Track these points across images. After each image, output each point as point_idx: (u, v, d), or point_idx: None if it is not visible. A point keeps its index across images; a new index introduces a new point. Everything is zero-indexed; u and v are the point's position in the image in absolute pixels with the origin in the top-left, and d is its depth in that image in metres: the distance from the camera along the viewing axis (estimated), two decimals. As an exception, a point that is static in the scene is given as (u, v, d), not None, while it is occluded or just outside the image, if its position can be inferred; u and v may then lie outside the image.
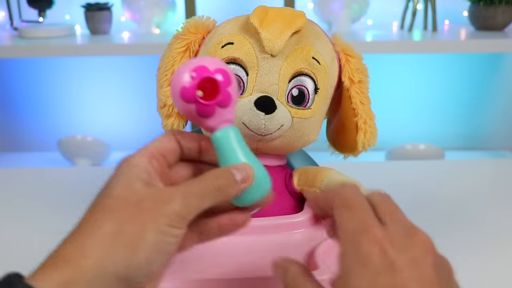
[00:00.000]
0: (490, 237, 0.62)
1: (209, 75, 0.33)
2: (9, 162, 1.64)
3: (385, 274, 0.26)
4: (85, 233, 0.30)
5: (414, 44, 1.33)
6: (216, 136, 0.34)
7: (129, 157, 0.32)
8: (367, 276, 0.26)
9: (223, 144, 0.34)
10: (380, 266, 0.26)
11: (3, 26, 1.59)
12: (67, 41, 1.36)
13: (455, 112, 1.70)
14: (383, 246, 0.26)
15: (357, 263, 0.27)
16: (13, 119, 1.70)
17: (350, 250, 0.27)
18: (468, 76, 1.66)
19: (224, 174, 0.32)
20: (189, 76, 0.33)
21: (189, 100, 0.33)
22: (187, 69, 0.33)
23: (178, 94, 0.33)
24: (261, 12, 0.47)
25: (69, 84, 1.66)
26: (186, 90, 0.33)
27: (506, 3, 1.38)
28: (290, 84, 0.47)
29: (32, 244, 0.61)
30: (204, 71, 0.33)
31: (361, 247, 0.27)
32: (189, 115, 0.34)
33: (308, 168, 0.52)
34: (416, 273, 0.26)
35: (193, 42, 0.51)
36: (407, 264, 0.26)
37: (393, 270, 0.26)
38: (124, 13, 1.52)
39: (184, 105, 0.33)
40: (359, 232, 0.27)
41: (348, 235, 0.28)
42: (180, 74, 0.33)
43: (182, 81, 0.33)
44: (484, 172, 0.87)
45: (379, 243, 0.27)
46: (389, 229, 0.28)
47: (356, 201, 0.29)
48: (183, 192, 0.30)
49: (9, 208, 0.72)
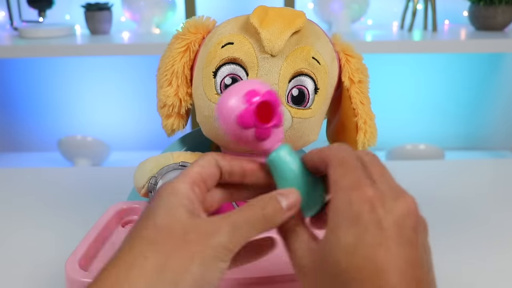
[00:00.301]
0: (490, 237, 0.62)
1: (264, 99, 0.33)
2: (9, 162, 1.64)
3: (372, 231, 0.27)
4: (129, 264, 0.29)
5: (414, 44, 1.34)
6: (274, 157, 0.34)
7: (171, 184, 0.31)
8: (355, 232, 0.27)
9: (282, 164, 0.34)
10: (368, 223, 0.27)
11: (3, 26, 1.59)
12: (67, 41, 1.36)
13: (455, 112, 1.70)
14: (373, 204, 0.28)
15: (347, 218, 0.28)
16: (13, 119, 1.70)
17: (341, 205, 0.28)
18: (468, 76, 1.66)
19: (271, 201, 0.31)
20: (243, 103, 0.32)
21: (248, 126, 0.32)
22: (239, 96, 0.33)
23: (234, 121, 0.32)
24: (261, 12, 0.47)
25: (69, 84, 1.66)
26: (244, 116, 0.32)
27: (506, 3, 1.38)
28: (290, 84, 0.47)
29: (32, 244, 0.61)
30: (257, 95, 0.33)
31: (353, 203, 0.28)
32: (244, 140, 0.34)
33: (308, 168, 0.52)
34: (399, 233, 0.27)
35: (193, 42, 0.51)
36: (392, 224, 0.27)
37: (380, 228, 0.27)
38: (124, 13, 1.52)
39: (240, 132, 0.33)
40: (352, 188, 0.28)
41: (341, 191, 0.29)
42: (232, 102, 0.33)
43: (238, 108, 0.32)
44: (484, 172, 0.86)
45: (370, 201, 0.28)
46: (379, 189, 0.29)
47: (350, 160, 0.30)
48: (230, 223, 0.30)
49: (9, 208, 0.72)
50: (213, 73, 0.48)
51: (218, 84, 0.48)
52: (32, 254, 0.58)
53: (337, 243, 0.28)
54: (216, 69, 0.48)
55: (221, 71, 0.47)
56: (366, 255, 0.27)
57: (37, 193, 0.76)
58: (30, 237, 0.63)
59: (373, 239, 0.27)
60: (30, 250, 0.59)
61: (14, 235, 0.63)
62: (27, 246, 0.60)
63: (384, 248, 0.27)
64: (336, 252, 0.28)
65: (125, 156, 1.66)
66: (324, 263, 0.28)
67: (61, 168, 0.95)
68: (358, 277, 0.27)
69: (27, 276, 0.54)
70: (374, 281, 0.27)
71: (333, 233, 0.28)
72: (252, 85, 0.33)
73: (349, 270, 0.27)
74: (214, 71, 0.48)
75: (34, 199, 0.74)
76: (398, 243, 0.27)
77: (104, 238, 0.46)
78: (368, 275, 0.27)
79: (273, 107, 0.33)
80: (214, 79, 0.48)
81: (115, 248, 0.45)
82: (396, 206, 0.28)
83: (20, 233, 0.64)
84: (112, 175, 0.81)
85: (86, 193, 0.74)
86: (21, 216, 0.68)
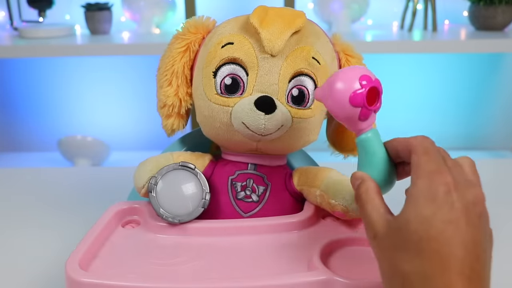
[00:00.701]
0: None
1: (374, 84, 0.38)
2: (9, 162, 1.64)
3: (446, 210, 0.32)
4: None
5: (414, 44, 1.33)
6: (367, 137, 0.39)
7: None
8: (432, 207, 0.32)
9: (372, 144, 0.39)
10: (443, 203, 0.32)
11: (3, 26, 1.59)
12: (67, 41, 1.36)
13: (455, 112, 1.70)
14: (449, 188, 0.33)
15: (426, 196, 0.33)
16: (13, 119, 1.70)
17: (423, 185, 0.33)
18: (468, 76, 1.66)
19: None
20: (359, 84, 0.37)
21: (358, 104, 0.37)
22: (355, 77, 0.38)
23: (347, 98, 0.37)
24: (261, 12, 0.47)
25: (69, 84, 1.66)
26: (357, 96, 0.37)
27: (506, 3, 1.38)
28: (290, 84, 0.47)
29: (32, 244, 0.61)
30: (369, 80, 0.38)
31: (433, 184, 0.33)
32: (348, 118, 0.38)
33: (308, 168, 0.52)
34: (467, 216, 0.32)
35: (193, 42, 0.51)
36: (462, 207, 0.32)
37: (452, 208, 0.32)
38: (124, 13, 1.52)
39: (349, 109, 0.38)
40: (434, 172, 0.33)
41: (424, 173, 0.34)
42: (349, 81, 0.38)
43: (353, 87, 0.37)
44: (484, 172, 0.86)
45: (447, 185, 0.33)
46: (455, 177, 0.33)
47: (433, 150, 0.35)
48: None
49: (9, 208, 0.72)
50: (213, 73, 0.48)
51: (218, 84, 0.48)
52: (32, 254, 0.58)
53: (415, 215, 0.32)
54: (216, 69, 0.48)
55: (221, 71, 0.48)
56: (439, 229, 0.31)
57: (37, 193, 0.76)
58: (30, 237, 0.63)
59: (446, 216, 0.32)
60: (30, 250, 0.59)
61: (14, 235, 0.63)
62: (27, 246, 0.60)
63: (454, 225, 0.32)
64: (413, 223, 0.32)
65: (125, 156, 1.66)
66: (400, 232, 0.33)
67: (61, 168, 0.95)
68: (429, 247, 0.31)
69: (27, 276, 0.54)
70: (442, 252, 0.31)
71: (413, 207, 0.33)
72: (365, 71, 0.38)
73: (423, 240, 0.32)
74: (214, 71, 0.48)
75: (34, 199, 0.74)
76: (465, 223, 0.32)
77: (104, 238, 0.46)
78: (438, 246, 0.31)
79: (378, 93, 0.39)
80: (214, 79, 0.48)
81: (115, 248, 0.46)
82: (468, 193, 0.33)
83: (20, 233, 0.64)
84: (112, 175, 0.82)
85: (86, 193, 0.74)
86: (21, 216, 0.68)
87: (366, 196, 0.37)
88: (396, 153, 0.38)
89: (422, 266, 0.31)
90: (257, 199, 0.49)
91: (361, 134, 0.39)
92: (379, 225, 0.35)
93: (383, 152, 0.39)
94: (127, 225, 0.50)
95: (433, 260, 0.31)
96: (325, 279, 0.40)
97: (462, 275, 0.31)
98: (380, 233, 0.34)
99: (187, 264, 0.43)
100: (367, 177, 0.38)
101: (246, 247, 0.45)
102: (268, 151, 0.50)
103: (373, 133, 0.39)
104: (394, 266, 0.33)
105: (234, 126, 0.47)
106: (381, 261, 0.35)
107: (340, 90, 0.38)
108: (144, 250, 0.45)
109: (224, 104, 0.47)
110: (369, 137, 0.39)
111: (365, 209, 0.36)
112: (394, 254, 0.33)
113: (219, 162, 0.52)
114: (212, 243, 0.46)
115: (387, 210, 0.36)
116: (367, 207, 0.36)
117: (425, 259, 0.31)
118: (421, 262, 0.31)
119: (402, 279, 0.32)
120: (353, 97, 0.37)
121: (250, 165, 0.50)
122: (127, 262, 0.43)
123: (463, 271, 0.31)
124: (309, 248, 0.44)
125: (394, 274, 0.33)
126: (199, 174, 0.48)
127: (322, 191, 0.48)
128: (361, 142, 0.39)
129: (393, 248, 0.33)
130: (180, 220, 0.47)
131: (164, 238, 0.47)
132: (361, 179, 0.38)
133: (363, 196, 0.37)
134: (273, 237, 0.47)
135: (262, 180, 0.50)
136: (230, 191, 0.50)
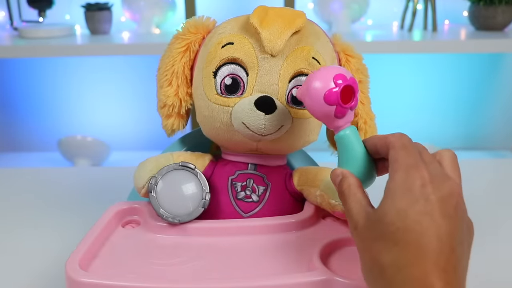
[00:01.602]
0: (490, 237, 0.62)
1: (348, 83, 0.40)
2: (9, 162, 1.64)
3: (422, 202, 0.33)
4: None
5: (414, 44, 1.33)
6: (345, 134, 0.40)
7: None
8: (408, 200, 0.33)
9: (350, 141, 0.40)
10: (419, 195, 0.33)
11: (3, 26, 1.59)
12: (67, 41, 1.36)
13: (455, 112, 1.70)
14: (425, 181, 0.34)
15: (403, 189, 0.34)
16: (13, 119, 1.70)
17: (400, 178, 0.34)
18: (468, 76, 1.66)
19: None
20: (333, 83, 0.39)
21: (332, 103, 0.39)
22: (330, 76, 0.40)
23: (322, 97, 0.39)
24: (261, 12, 0.47)
25: (69, 84, 1.66)
26: (331, 94, 0.39)
27: (506, 3, 1.38)
28: (290, 84, 0.47)
29: (32, 244, 0.61)
30: (344, 79, 0.40)
31: (409, 177, 0.34)
32: (324, 116, 0.40)
33: (308, 168, 0.52)
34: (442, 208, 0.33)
35: (193, 42, 0.51)
36: (437, 200, 0.33)
37: (427, 201, 0.33)
38: (124, 13, 1.52)
39: (324, 107, 0.39)
40: (411, 167, 0.34)
41: (402, 167, 0.35)
42: (324, 80, 0.40)
43: (328, 86, 0.39)
44: (484, 172, 0.87)
45: (423, 179, 0.34)
46: (431, 171, 0.34)
47: (410, 146, 0.36)
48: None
49: (9, 208, 0.72)
50: (213, 73, 0.48)
51: (218, 84, 0.48)
52: (32, 254, 0.58)
53: (392, 207, 0.33)
54: (216, 69, 0.48)
55: (221, 71, 0.48)
56: (415, 220, 0.32)
57: (37, 193, 0.76)
58: (30, 237, 0.63)
59: (421, 208, 0.33)
60: (30, 250, 0.59)
61: (14, 235, 0.63)
62: (27, 246, 0.60)
63: (429, 217, 0.32)
64: (390, 214, 0.33)
65: (125, 156, 1.66)
66: (378, 223, 0.34)
67: (61, 168, 0.95)
68: (405, 238, 0.32)
69: (27, 276, 0.54)
70: (418, 243, 0.32)
71: (390, 199, 0.34)
72: (340, 70, 0.40)
73: (399, 231, 0.33)
74: (214, 71, 0.48)
75: (34, 199, 0.74)
76: (441, 215, 0.33)
77: (104, 238, 0.46)
78: (414, 237, 0.32)
79: (353, 91, 0.40)
80: (214, 79, 0.48)
81: (115, 248, 0.46)
82: (443, 186, 0.34)
83: (20, 233, 0.64)
84: (112, 175, 0.82)
85: (86, 193, 0.74)
86: (21, 216, 0.68)
87: (348, 191, 0.38)
88: (375, 149, 0.39)
89: (399, 256, 0.32)
90: (257, 199, 0.49)
91: (339, 131, 0.41)
92: (360, 217, 0.36)
93: (362, 148, 0.40)
94: (127, 225, 0.50)
95: (409, 251, 0.32)
96: (325, 279, 0.40)
97: (437, 266, 0.32)
98: (360, 224, 0.36)
99: (187, 264, 0.43)
100: (348, 173, 0.39)
101: (246, 247, 0.45)
102: (268, 151, 0.50)
103: (351, 130, 0.41)
104: (373, 257, 0.34)
105: (234, 126, 0.47)
106: (362, 252, 0.36)
107: (315, 88, 0.40)
108: (144, 250, 0.45)
109: (224, 104, 0.47)
110: (347, 134, 0.40)
111: (347, 204, 0.38)
112: (373, 245, 0.34)
113: (219, 162, 0.52)
114: (212, 243, 0.46)
115: (368, 203, 0.37)
116: (349, 201, 0.37)
117: (401, 249, 0.32)
118: (397, 253, 0.33)
119: (380, 269, 0.33)
120: (328, 95, 0.39)
121: (250, 165, 0.50)
122: (127, 262, 0.43)
123: (438, 262, 0.32)
124: (309, 248, 0.44)
125: (373, 264, 0.34)
126: (199, 174, 0.48)
127: (322, 191, 0.48)
128: (340, 139, 0.41)
129: (372, 239, 0.34)
130: (180, 220, 0.47)
131: (164, 238, 0.47)
132: (342, 175, 0.39)
133: (346, 191, 0.38)
134: (273, 237, 0.47)
135: (262, 180, 0.50)
136: (230, 191, 0.50)
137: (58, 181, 0.81)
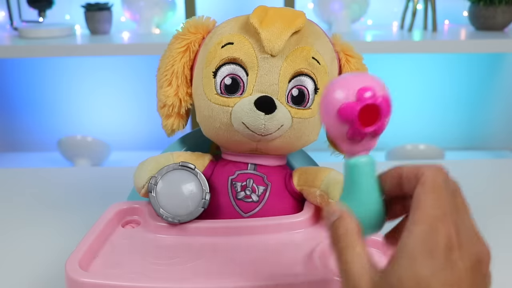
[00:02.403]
0: (490, 237, 0.62)
1: (375, 101, 0.30)
2: (9, 162, 1.64)
3: (447, 271, 0.27)
4: None
5: (414, 44, 1.33)
6: (356, 164, 0.32)
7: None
8: (431, 266, 0.27)
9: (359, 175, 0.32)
10: (444, 261, 0.28)
11: (3, 26, 1.59)
12: (67, 41, 1.36)
13: (455, 112, 1.70)
14: (452, 243, 0.28)
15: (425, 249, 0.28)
16: (13, 119, 1.70)
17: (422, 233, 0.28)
18: (468, 76, 1.66)
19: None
20: (354, 95, 0.30)
21: (346, 120, 0.30)
22: (355, 86, 0.30)
23: (335, 110, 0.30)
24: (261, 12, 0.47)
25: (69, 84, 1.66)
26: (348, 109, 0.30)
27: (506, 3, 1.38)
28: (290, 84, 0.47)
29: (32, 244, 0.61)
30: (373, 95, 0.30)
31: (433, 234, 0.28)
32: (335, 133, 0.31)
33: (308, 168, 0.52)
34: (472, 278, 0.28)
35: (193, 42, 0.51)
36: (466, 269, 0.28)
37: (454, 269, 0.28)
38: (124, 13, 1.52)
39: (335, 123, 0.31)
40: (438, 219, 0.28)
41: (426, 219, 0.28)
42: (346, 89, 0.30)
43: (347, 98, 0.30)
44: (484, 172, 0.86)
45: (450, 238, 0.28)
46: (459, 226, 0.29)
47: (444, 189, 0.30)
48: None
49: (8, 208, 0.72)
50: (213, 73, 0.48)
51: (218, 84, 0.48)
52: (32, 254, 0.58)
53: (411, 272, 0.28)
54: (216, 69, 0.48)
55: (221, 71, 0.48)
56: None
57: (37, 193, 0.76)
58: (30, 237, 0.63)
59: (448, 278, 0.27)
60: (30, 250, 0.59)
61: (14, 235, 0.63)
62: (27, 246, 0.60)
63: None
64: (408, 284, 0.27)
65: (125, 156, 1.66)
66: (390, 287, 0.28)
67: (61, 168, 0.95)
68: None
69: (27, 276, 0.54)
70: None
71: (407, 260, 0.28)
72: (372, 83, 0.31)
73: None
74: (214, 71, 0.48)
75: (34, 199, 0.74)
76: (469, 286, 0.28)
77: (104, 238, 0.46)
78: None
79: (381, 113, 0.31)
80: (214, 79, 0.48)
81: (115, 248, 0.46)
82: (473, 251, 0.29)
83: (20, 233, 0.64)
84: (112, 175, 0.82)
85: (86, 193, 0.74)
86: (21, 216, 0.68)
87: (345, 240, 0.31)
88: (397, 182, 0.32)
89: None
90: (257, 199, 0.50)
91: (351, 158, 0.32)
92: (362, 281, 0.29)
93: (375, 186, 0.32)
94: (127, 225, 0.50)
95: None
96: (325, 279, 0.40)
97: None
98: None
99: (187, 264, 0.43)
100: (347, 214, 0.31)
101: (246, 247, 0.45)
102: (268, 151, 0.50)
103: (367, 161, 0.32)
104: None
105: (234, 126, 0.47)
106: None
107: (331, 97, 0.31)
108: (144, 250, 0.45)
109: (224, 104, 0.47)
110: (359, 163, 0.31)
111: (343, 256, 0.30)
112: None
113: (219, 162, 0.52)
114: (212, 243, 0.46)
115: (371, 262, 0.30)
116: (346, 254, 0.30)
117: None
118: None
119: None
120: (343, 109, 0.30)
121: (250, 165, 0.50)
122: (127, 262, 0.43)
123: None
124: (309, 248, 0.44)
125: None
126: (199, 174, 0.48)
127: (322, 191, 0.48)
128: (348, 168, 0.32)
129: None
130: (180, 220, 0.47)
131: (164, 238, 0.47)
132: (340, 215, 0.31)
133: (342, 238, 0.31)
134: (273, 237, 0.47)
135: (262, 180, 0.50)
136: (230, 191, 0.50)
137: (58, 181, 0.81)
